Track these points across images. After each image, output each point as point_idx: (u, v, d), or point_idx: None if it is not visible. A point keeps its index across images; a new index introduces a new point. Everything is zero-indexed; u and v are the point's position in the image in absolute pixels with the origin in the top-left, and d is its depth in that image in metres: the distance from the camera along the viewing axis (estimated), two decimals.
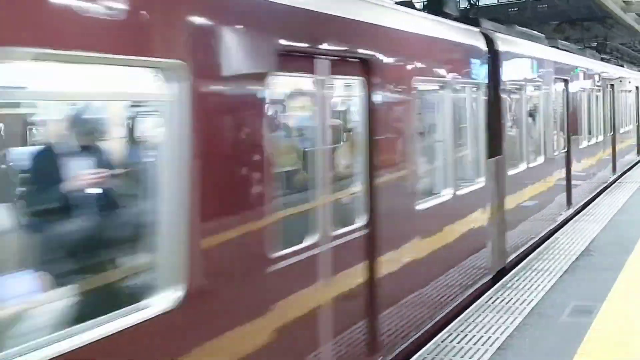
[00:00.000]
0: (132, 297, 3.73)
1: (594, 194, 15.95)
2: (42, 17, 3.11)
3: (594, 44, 42.59)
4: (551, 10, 31.86)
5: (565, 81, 13.64)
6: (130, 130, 4.64)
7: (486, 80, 9.02)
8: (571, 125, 13.86)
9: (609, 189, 17.02)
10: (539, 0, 31.08)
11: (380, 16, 6.41)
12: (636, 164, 22.65)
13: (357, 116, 5.98)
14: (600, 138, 17.37)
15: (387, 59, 6.31)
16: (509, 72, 9.99)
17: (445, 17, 8.78)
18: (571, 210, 13.59)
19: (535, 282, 8.60)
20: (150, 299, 3.67)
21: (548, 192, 12.19)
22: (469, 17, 13.03)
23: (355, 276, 5.73)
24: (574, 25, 37.10)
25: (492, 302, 7.85)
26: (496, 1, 30.16)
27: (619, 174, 19.47)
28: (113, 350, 3.39)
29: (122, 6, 3.45)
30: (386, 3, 7.15)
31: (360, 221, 5.81)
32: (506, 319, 7.24)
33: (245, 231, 4.32)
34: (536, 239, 11.12)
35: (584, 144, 15.39)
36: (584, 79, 15.64)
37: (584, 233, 11.39)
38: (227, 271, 4.22)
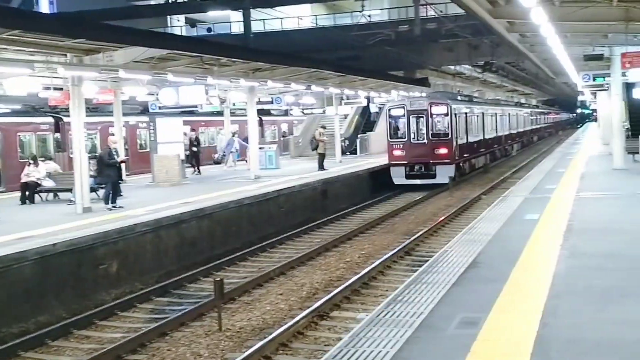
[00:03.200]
0: None
1: None
2: None
3: (482, 63, 44.11)
4: (440, 29, 32.87)
5: None
6: None
7: None
8: None
9: None
10: (429, 18, 31.95)
11: None
12: None
13: None
14: None
15: None
16: None
17: None
18: None
19: (425, 294, 8.74)
20: None
21: None
22: None
23: None
24: (463, 44, 38.33)
25: (383, 316, 7.92)
26: (387, 18, 30.92)
27: None
28: None
29: None
30: None
31: None
32: (396, 333, 7.31)
33: None
34: None
35: None
36: None
37: (471, 246, 11.70)
38: None
